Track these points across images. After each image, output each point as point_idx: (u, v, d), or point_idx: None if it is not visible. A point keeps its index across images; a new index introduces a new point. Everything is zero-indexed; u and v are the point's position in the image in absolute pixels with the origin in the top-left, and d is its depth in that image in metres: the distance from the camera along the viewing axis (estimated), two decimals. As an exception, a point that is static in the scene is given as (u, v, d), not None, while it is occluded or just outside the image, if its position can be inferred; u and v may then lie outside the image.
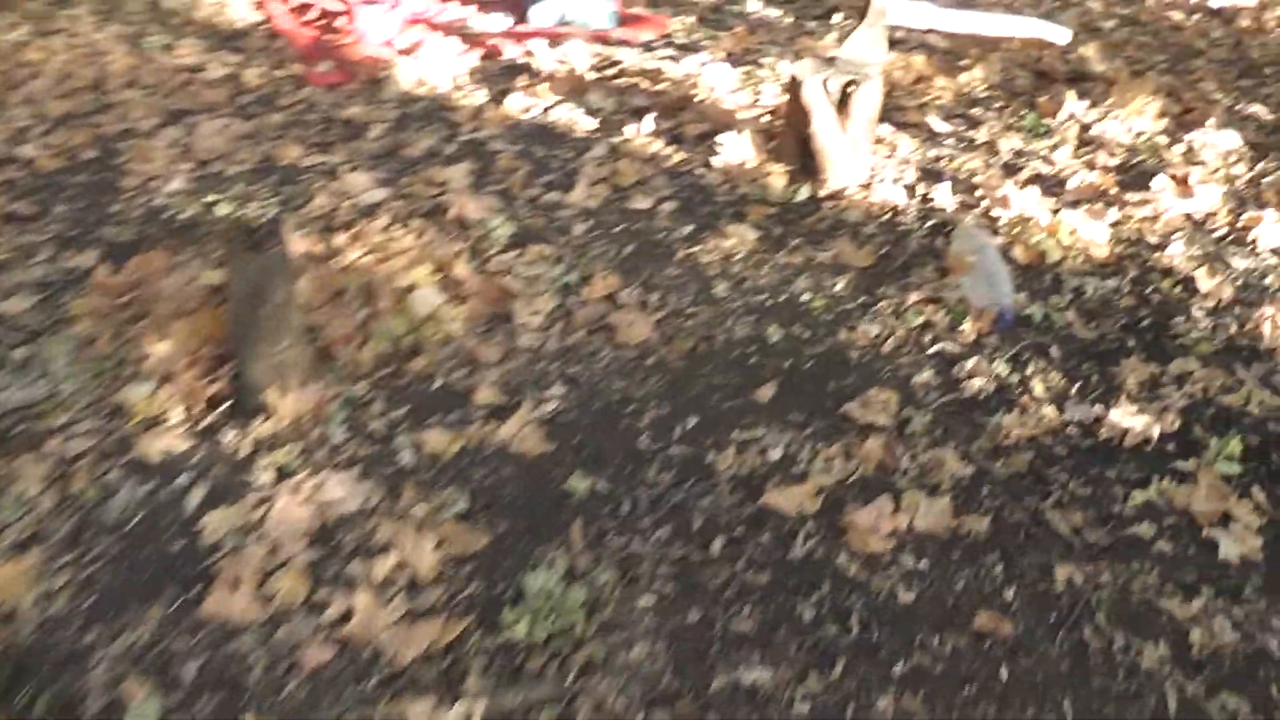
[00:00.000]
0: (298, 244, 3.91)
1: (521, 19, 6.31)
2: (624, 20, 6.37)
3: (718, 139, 4.69)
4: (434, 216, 4.24)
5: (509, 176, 4.56)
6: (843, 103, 4.33)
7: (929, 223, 4.26)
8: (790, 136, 4.51)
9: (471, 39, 6.01)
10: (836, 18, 6.42)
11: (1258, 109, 5.25)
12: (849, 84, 4.29)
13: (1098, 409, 3.32)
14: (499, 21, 6.29)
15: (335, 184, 4.50)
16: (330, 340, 3.43)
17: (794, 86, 4.34)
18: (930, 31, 5.79)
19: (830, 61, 4.46)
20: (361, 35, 6.02)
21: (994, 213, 4.29)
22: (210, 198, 4.46)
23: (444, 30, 6.13)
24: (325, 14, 6.41)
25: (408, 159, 4.75)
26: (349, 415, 3.27)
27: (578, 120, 5.07)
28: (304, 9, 6.51)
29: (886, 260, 4.03)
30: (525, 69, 5.68)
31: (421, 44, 5.94)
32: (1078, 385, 3.44)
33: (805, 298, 3.83)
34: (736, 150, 4.61)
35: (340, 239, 3.98)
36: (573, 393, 3.40)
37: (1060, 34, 5.11)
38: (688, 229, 4.21)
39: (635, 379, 3.46)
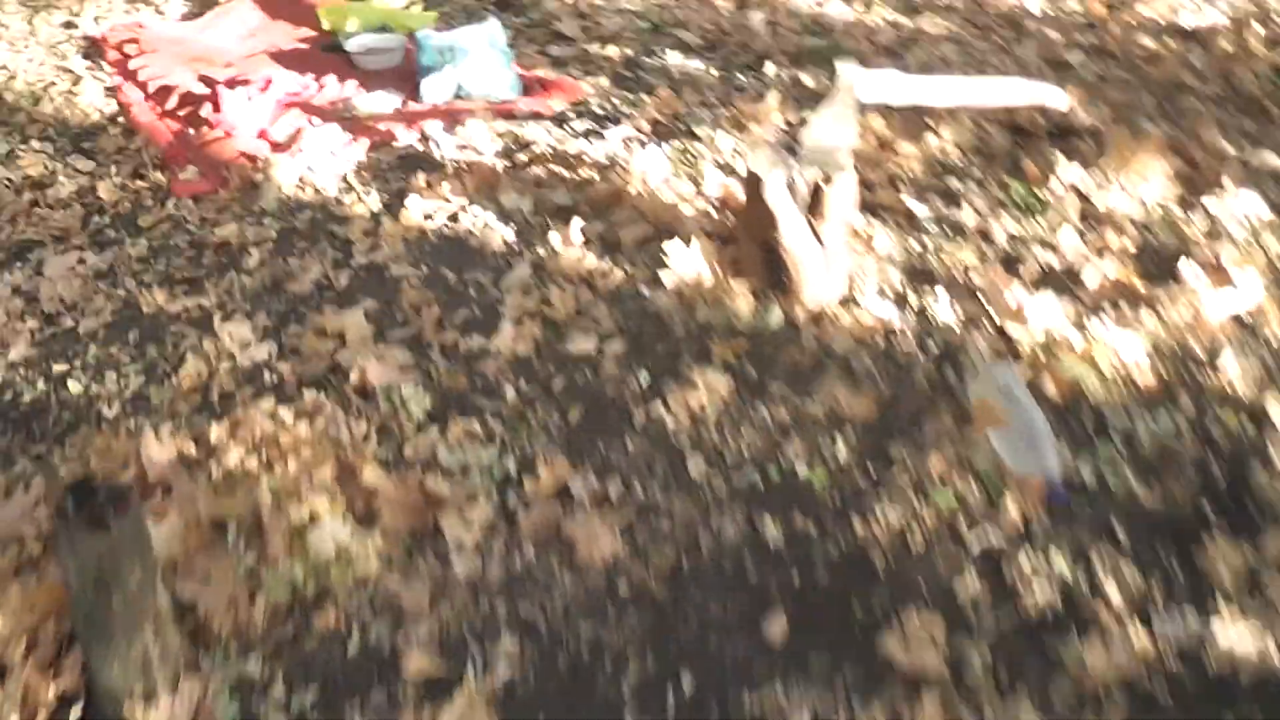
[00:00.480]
0: (165, 449, 3.12)
1: (413, 94, 5.51)
2: (529, 88, 5.58)
3: (663, 247, 3.91)
4: (331, 383, 3.47)
5: (418, 317, 3.78)
6: (813, 200, 3.61)
7: (931, 346, 3.52)
8: (750, 242, 3.77)
9: (357, 125, 5.20)
10: (769, 69, 5.65)
11: (1270, 158, 4.47)
12: (820, 178, 3.57)
13: (1193, 620, 2.59)
14: (387, 100, 5.46)
15: (209, 340, 3.72)
16: (208, 613, 2.64)
17: (752, 184, 3.61)
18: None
19: (790, 149, 3.73)
20: (231, 128, 5.19)
21: (1008, 328, 3.53)
22: (59, 367, 3.68)
23: (324, 114, 5.32)
24: (188, 99, 5.58)
25: (294, 295, 3.97)
26: (241, 709, 2.50)
27: (492, 228, 4.28)
28: (164, 94, 5.68)
29: (892, 408, 3.27)
30: (424, 160, 4.88)
31: (300, 134, 5.13)
32: (1160, 583, 2.70)
33: (802, 471, 3.08)
34: (687, 263, 3.84)
35: (218, 431, 3.20)
36: (529, 645, 2.64)
37: (1059, 97, 4.42)
38: (644, 378, 3.44)
39: (607, 618, 2.69)
